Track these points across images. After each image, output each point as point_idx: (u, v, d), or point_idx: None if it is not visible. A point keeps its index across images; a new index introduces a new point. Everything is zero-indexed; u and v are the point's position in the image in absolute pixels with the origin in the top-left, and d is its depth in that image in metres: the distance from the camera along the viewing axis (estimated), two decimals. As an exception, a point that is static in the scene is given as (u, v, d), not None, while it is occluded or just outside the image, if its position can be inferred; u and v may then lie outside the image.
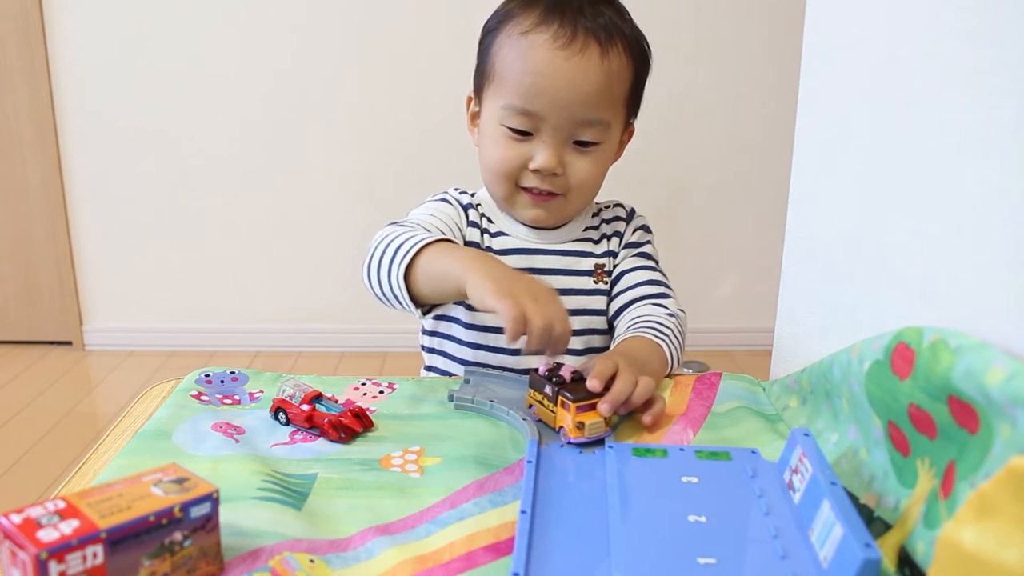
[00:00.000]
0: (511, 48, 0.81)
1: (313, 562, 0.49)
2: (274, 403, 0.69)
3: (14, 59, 2.33)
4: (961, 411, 0.45)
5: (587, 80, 0.79)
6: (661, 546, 0.49)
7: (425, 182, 2.39)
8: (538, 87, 0.79)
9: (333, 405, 0.68)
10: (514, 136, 0.83)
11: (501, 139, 0.83)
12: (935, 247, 0.54)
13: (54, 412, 2.10)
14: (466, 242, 0.89)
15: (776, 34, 2.31)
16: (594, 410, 0.63)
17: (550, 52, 0.79)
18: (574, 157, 0.83)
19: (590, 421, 0.63)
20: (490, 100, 0.85)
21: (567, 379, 0.66)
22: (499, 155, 0.84)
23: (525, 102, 0.80)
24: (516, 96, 0.81)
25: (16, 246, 2.49)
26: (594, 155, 0.84)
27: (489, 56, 0.85)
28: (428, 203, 0.92)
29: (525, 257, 0.89)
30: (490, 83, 0.85)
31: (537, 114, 0.80)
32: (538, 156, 0.82)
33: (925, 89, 0.55)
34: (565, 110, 0.80)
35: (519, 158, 0.83)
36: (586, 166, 0.84)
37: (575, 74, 0.79)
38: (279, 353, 2.51)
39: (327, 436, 0.66)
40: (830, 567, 0.45)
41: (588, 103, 0.80)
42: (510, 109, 0.81)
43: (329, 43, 2.33)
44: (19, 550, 0.42)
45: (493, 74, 0.84)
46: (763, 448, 0.61)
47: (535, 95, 0.80)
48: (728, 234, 2.51)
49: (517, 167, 0.83)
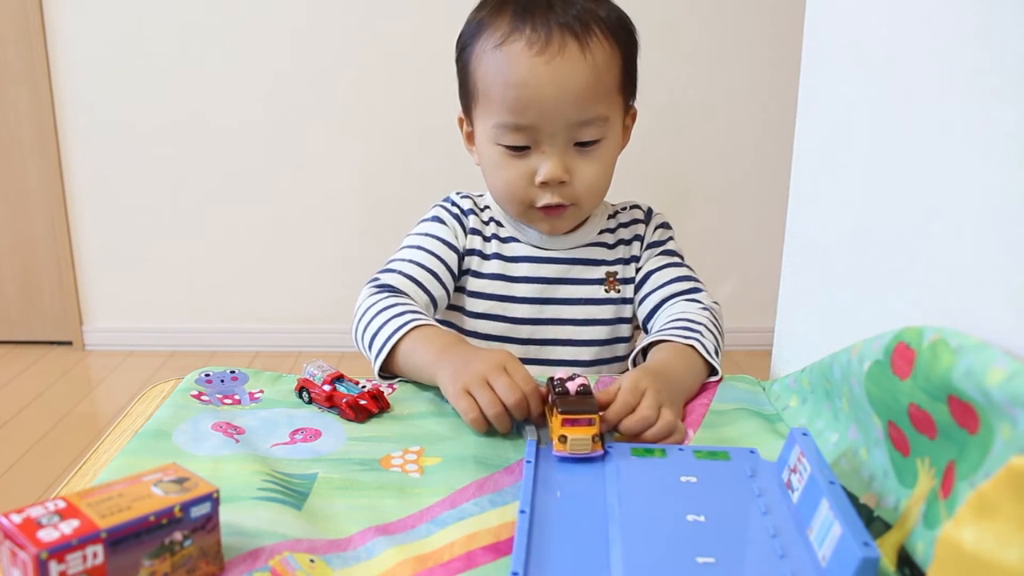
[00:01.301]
0: (489, 63, 0.78)
1: (313, 562, 0.49)
2: (298, 383, 0.73)
3: (14, 59, 2.33)
4: (961, 411, 0.45)
5: (573, 80, 0.76)
6: (660, 546, 0.49)
7: (425, 182, 2.39)
8: (524, 100, 0.76)
9: (353, 386, 0.72)
10: (512, 153, 0.80)
11: (500, 159, 0.81)
12: (935, 247, 0.54)
13: (54, 412, 2.10)
14: (466, 251, 0.88)
15: (776, 34, 2.31)
16: (582, 426, 0.60)
17: (528, 60, 0.75)
18: (578, 161, 0.80)
19: (573, 436, 0.60)
20: (480, 120, 0.82)
21: (571, 391, 0.63)
22: (503, 177, 0.81)
23: (515, 117, 0.77)
24: (504, 113, 0.78)
25: (16, 246, 2.49)
26: (598, 153, 0.81)
27: (469, 75, 0.82)
28: (422, 223, 0.90)
29: (534, 266, 0.88)
30: (476, 103, 0.82)
31: (530, 127, 0.78)
32: (542, 168, 0.79)
33: (925, 89, 0.55)
34: (558, 116, 0.77)
35: (523, 176, 0.80)
36: (592, 168, 0.81)
37: (559, 77, 0.76)
38: (279, 353, 2.51)
39: (344, 415, 0.69)
40: (828, 566, 0.45)
41: (580, 103, 0.77)
42: (502, 127, 0.79)
43: (329, 43, 2.33)
44: (19, 550, 0.42)
45: (477, 93, 0.81)
46: (762, 448, 0.61)
47: (523, 108, 0.77)
48: (728, 234, 2.51)
49: (524, 185, 0.81)
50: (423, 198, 0.92)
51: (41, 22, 2.30)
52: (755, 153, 2.42)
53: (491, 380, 0.65)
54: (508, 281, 0.88)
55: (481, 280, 0.89)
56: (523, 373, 0.66)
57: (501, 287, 0.88)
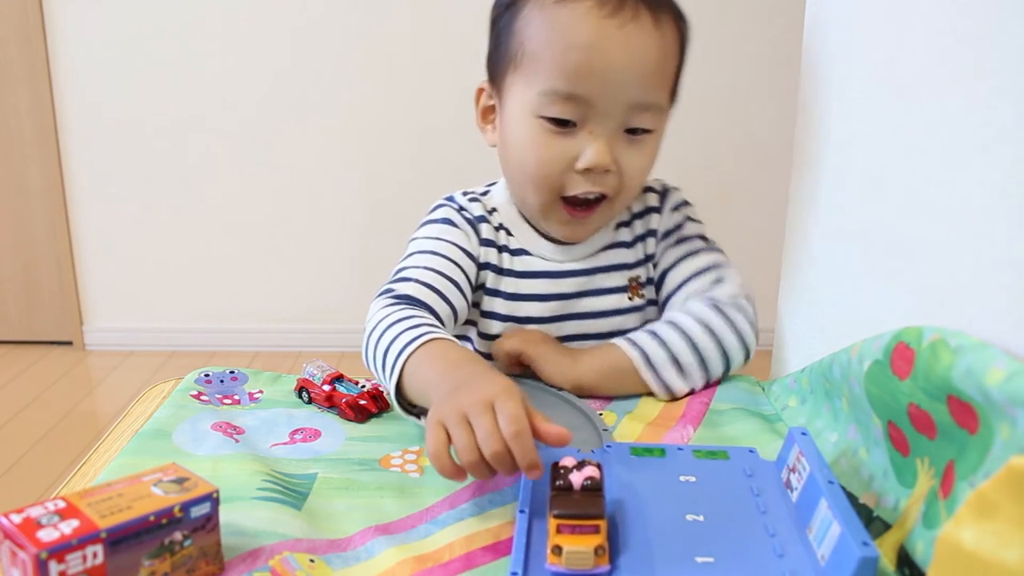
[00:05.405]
0: (545, 20, 0.67)
1: (313, 562, 0.49)
2: (298, 383, 0.73)
3: (14, 58, 2.33)
4: (961, 411, 0.45)
5: (643, 52, 0.67)
6: (659, 545, 0.49)
7: (425, 182, 2.39)
8: (587, 65, 0.66)
9: (352, 386, 0.72)
10: (554, 129, 0.69)
11: (538, 135, 0.70)
12: (935, 247, 0.54)
13: (54, 412, 2.10)
14: (481, 264, 0.78)
15: (776, 34, 2.30)
16: (583, 534, 0.46)
17: (598, 21, 0.65)
18: (626, 150, 0.70)
19: (570, 548, 0.45)
20: (519, 88, 0.71)
21: (575, 486, 0.49)
22: (537, 156, 0.70)
23: (571, 85, 0.67)
24: (559, 78, 0.67)
25: (16, 246, 2.49)
26: (648, 145, 0.72)
27: (512, 34, 0.70)
28: (431, 225, 0.79)
29: (552, 282, 0.79)
30: (517, 67, 0.70)
31: (586, 98, 0.67)
32: (588, 152, 0.69)
33: (925, 89, 0.55)
34: (620, 92, 0.67)
35: (562, 157, 0.70)
36: (639, 160, 0.72)
37: (630, 46, 0.66)
38: (279, 353, 2.51)
39: (344, 415, 0.69)
40: (828, 565, 0.45)
41: (645, 82, 0.68)
42: (551, 95, 0.68)
43: (329, 43, 2.33)
44: (19, 550, 0.42)
45: (521, 55, 0.69)
46: (761, 447, 0.61)
47: (584, 75, 0.66)
48: (728, 234, 2.50)
49: (561, 170, 0.70)
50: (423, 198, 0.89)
51: (41, 22, 2.30)
52: (755, 153, 2.42)
53: (472, 418, 0.51)
54: (522, 300, 0.79)
55: (495, 299, 0.79)
56: (513, 412, 0.51)
57: (515, 307, 0.79)
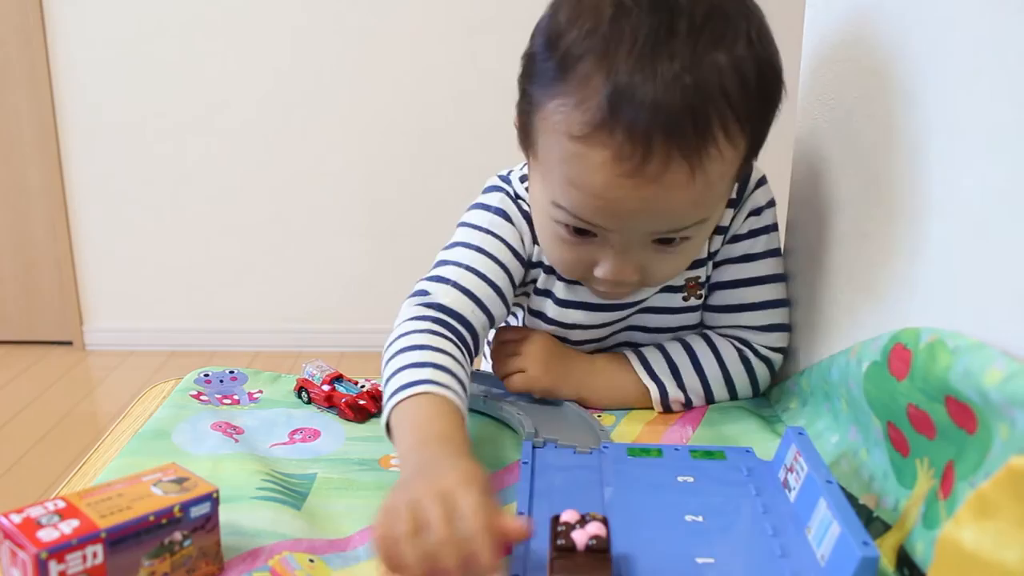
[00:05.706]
0: (556, 144, 0.57)
1: (313, 562, 0.49)
2: (297, 383, 0.74)
3: (14, 58, 2.33)
4: (959, 411, 0.45)
5: (669, 204, 0.57)
6: (658, 546, 0.49)
7: (426, 182, 2.40)
8: (593, 208, 0.58)
9: (352, 386, 0.72)
10: (571, 236, 0.62)
11: (556, 232, 0.63)
12: (935, 247, 0.54)
13: (54, 412, 2.10)
14: (533, 263, 0.72)
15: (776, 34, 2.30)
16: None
17: (613, 178, 0.55)
18: (655, 257, 0.62)
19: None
20: (538, 176, 0.63)
21: (578, 545, 0.44)
22: (555, 252, 0.65)
23: (577, 218, 0.60)
24: (565, 206, 0.60)
25: (16, 246, 2.49)
26: (684, 249, 0.63)
27: (530, 121, 0.61)
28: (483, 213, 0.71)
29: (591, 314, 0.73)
30: (534, 158, 0.63)
31: (600, 227, 0.60)
32: (605, 265, 0.62)
33: (925, 89, 0.55)
34: (641, 227, 0.60)
35: (581, 261, 0.64)
36: (671, 264, 0.64)
37: (649, 202, 0.56)
38: (279, 353, 2.51)
39: (343, 415, 0.70)
40: (828, 565, 0.45)
41: (672, 221, 0.59)
42: (559, 211, 0.61)
43: (329, 43, 2.33)
44: (19, 550, 0.42)
45: (536, 151, 0.62)
46: (760, 447, 0.61)
47: (591, 214, 0.59)
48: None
49: (582, 270, 0.65)
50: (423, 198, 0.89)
51: (41, 22, 2.30)
52: (755, 153, 2.42)
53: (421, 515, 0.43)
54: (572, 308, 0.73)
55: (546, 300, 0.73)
56: (470, 510, 0.43)
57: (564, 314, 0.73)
